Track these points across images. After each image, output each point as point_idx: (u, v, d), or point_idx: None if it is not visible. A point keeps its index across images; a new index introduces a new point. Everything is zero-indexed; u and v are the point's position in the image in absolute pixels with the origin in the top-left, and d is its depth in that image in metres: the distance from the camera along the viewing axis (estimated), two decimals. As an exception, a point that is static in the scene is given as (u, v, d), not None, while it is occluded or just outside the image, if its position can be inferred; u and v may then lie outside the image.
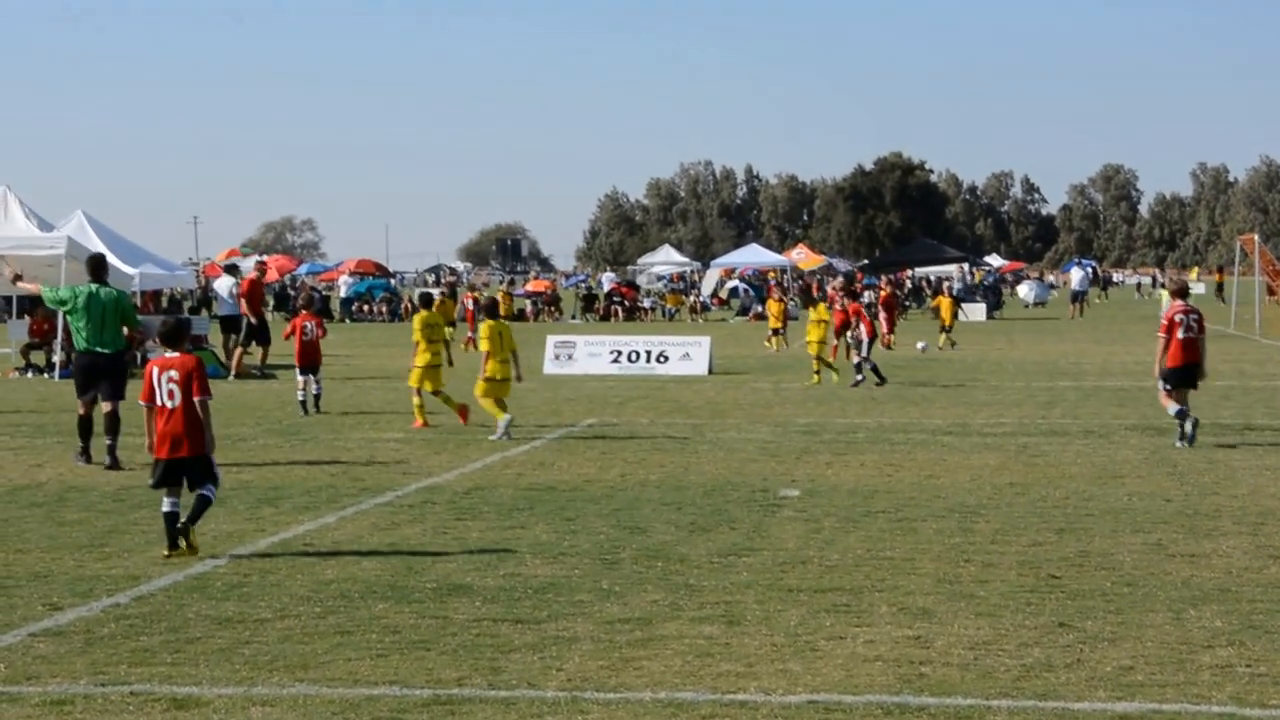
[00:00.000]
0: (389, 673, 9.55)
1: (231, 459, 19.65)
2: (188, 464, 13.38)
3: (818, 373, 32.62)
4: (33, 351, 36.06)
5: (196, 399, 13.41)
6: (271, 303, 69.87)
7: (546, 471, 18.76)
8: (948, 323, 47.65)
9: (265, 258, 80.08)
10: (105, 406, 19.18)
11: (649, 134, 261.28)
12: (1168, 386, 21.31)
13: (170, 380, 13.40)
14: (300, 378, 26.10)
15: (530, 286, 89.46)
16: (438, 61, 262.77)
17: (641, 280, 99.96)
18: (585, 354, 36.75)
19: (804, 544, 13.89)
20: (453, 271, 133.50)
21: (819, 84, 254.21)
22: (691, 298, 79.71)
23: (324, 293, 79.47)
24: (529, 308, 76.11)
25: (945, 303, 49.51)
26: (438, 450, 20.83)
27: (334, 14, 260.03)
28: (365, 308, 77.48)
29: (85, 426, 19.55)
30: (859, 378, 31.40)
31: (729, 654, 10.04)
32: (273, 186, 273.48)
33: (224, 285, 39.49)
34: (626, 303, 75.42)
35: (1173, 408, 21.25)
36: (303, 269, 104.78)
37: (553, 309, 75.96)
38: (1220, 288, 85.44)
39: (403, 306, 74.71)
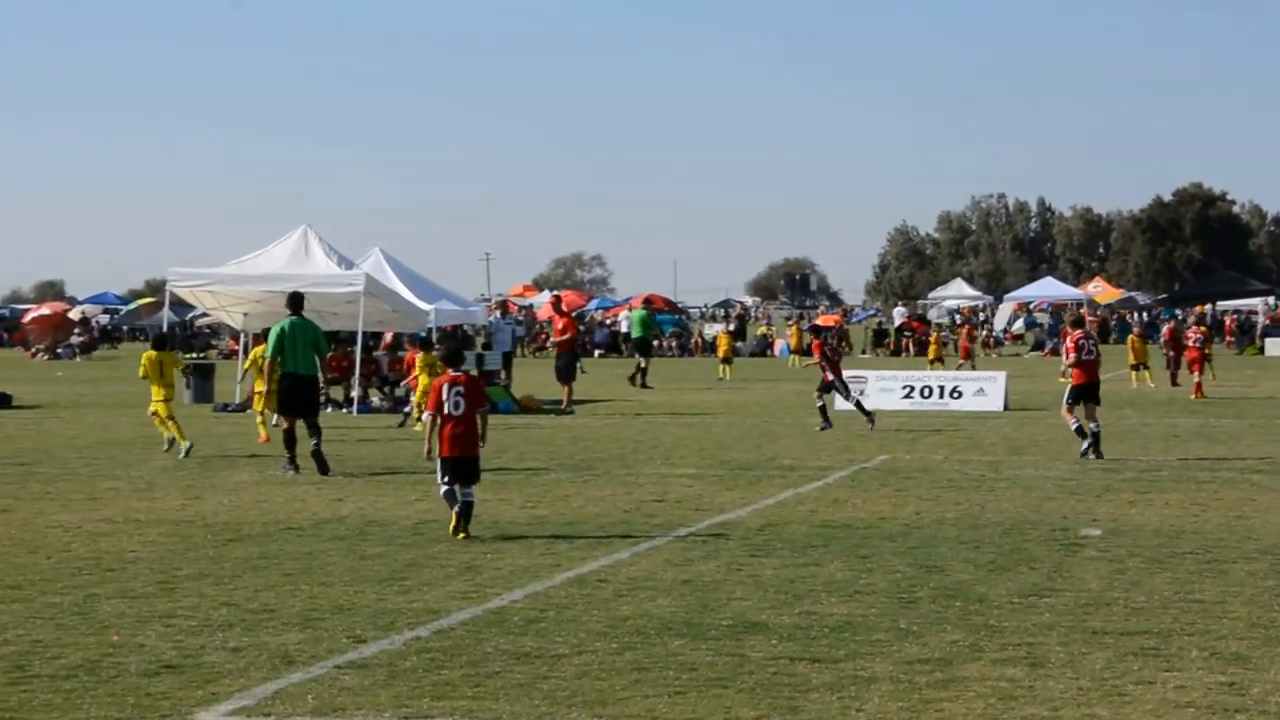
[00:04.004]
0: (686, 710, 9.49)
1: (526, 495, 19.89)
2: (464, 462, 16.07)
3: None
4: (331, 386, 37.00)
5: (479, 409, 16.18)
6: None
7: (840, 508, 18.57)
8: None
9: (558, 293, 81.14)
10: (283, 423, 22.38)
11: (939, 167, 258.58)
12: None
13: (457, 394, 16.09)
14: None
15: (820, 321, 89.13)
16: (725, 98, 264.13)
17: (932, 314, 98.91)
18: (877, 389, 36.39)
19: (1108, 585, 13.48)
20: (741, 306, 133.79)
21: (1114, 114, 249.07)
22: (984, 332, 78.58)
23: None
24: (819, 343, 75.80)
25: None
26: (730, 486, 20.78)
27: (624, 55, 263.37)
28: (655, 343, 77.95)
29: (291, 439, 22.33)
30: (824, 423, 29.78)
31: (1033, 697, 9.75)
32: (563, 223, 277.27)
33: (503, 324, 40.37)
34: (918, 337, 74.69)
35: None
36: (592, 304, 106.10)
37: (844, 344, 75.53)
38: None
39: (692, 341, 75.10)
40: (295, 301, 23.75)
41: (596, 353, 71.87)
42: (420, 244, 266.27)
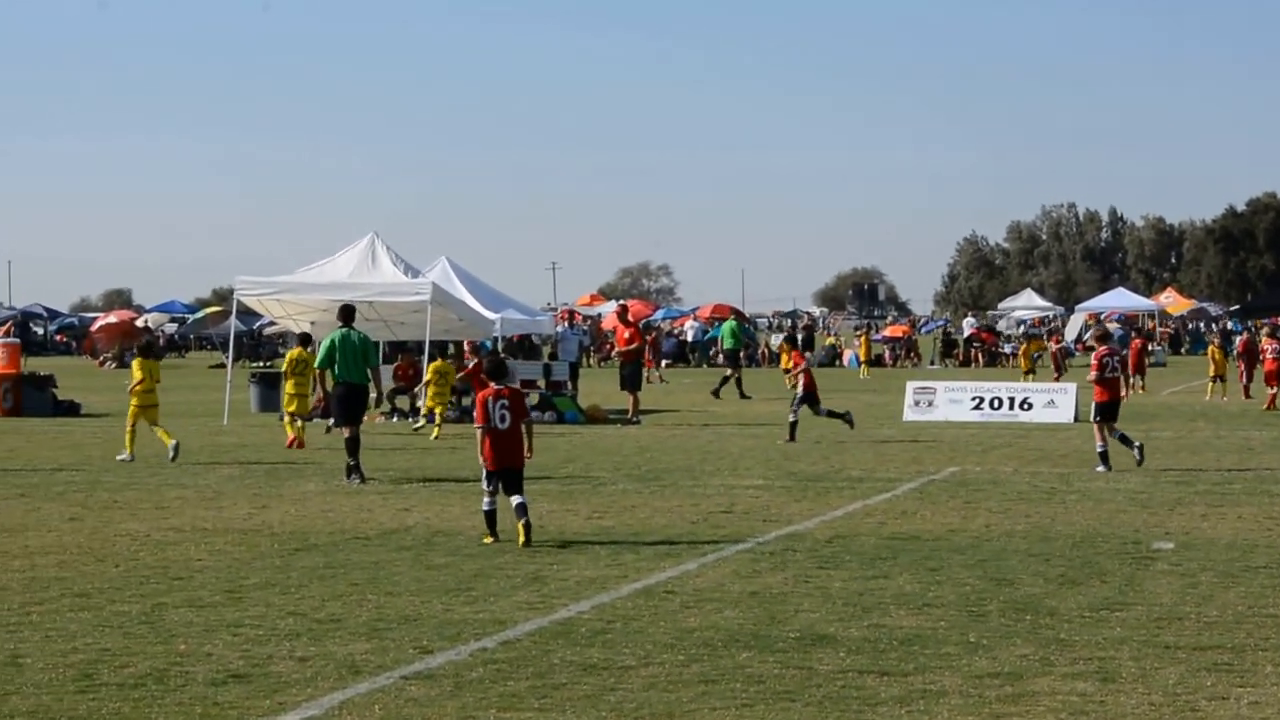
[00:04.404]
0: (753, 724, 9.43)
1: (592, 505, 19.86)
2: (511, 473, 16.44)
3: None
4: (398, 396, 37.12)
5: (523, 420, 16.61)
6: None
7: (909, 520, 18.45)
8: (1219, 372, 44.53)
9: (624, 302, 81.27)
10: (345, 431, 22.53)
11: (1009, 177, 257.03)
12: None
13: (503, 407, 16.45)
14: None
15: (888, 331, 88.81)
16: (791, 107, 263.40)
17: (1002, 325, 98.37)
18: (946, 400, 36.18)
19: (1180, 599, 13.32)
20: (809, 316, 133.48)
21: (1186, 123, 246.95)
22: (1053, 344, 78.06)
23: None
24: (887, 353, 75.53)
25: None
26: (798, 497, 20.69)
27: (689, 64, 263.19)
28: (741, 354, 77.96)
29: (356, 446, 22.62)
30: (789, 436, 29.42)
31: (1104, 712, 9.64)
32: (629, 232, 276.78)
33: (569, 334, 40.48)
34: (987, 348, 74.31)
35: None
36: (659, 314, 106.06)
37: (911, 354, 75.26)
38: None
39: (759, 352, 74.95)
40: (346, 313, 24.34)
41: (664, 363, 71.81)
42: (487, 253, 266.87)
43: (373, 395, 25.61)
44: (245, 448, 28.69)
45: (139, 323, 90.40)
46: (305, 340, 31.47)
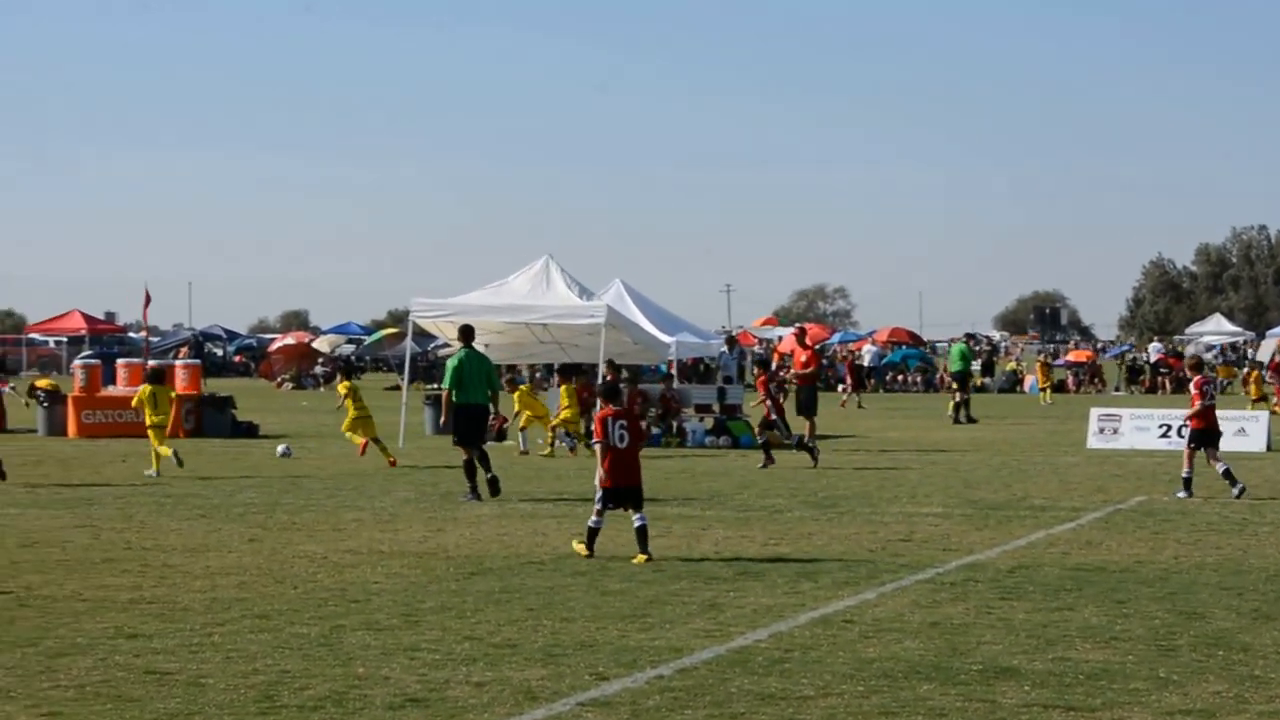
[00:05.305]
0: (935, 760, 9.18)
1: (768, 532, 19.67)
2: (630, 491, 17.05)
3: None
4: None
5: (639, 443, 17.27)
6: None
7: (1094, 551, 18.00)
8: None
9: (802, 325, 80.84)
10: (464, 453, 23.26)
11: (1197, 199, 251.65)
12: None
13: (621, 427, 17.06)
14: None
15: (1071, 356, 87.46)
16: (973, 125, 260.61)
17: (1189, 350, 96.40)
18: (1131, 428, 35.42)
19: (1383, 636, 12.81)
20: (989, 340, 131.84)
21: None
22: (1244, 370, 76.32)
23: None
24: (1070, 379, 74.33)
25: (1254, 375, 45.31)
26: (979, 526, 20.31)
27: (866, 87, 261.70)
28: (899, 377, 77.31)
29: (472, 469, 23.26)
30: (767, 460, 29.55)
31: (1305, 756, 9.25)
32: (804, 254, 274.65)
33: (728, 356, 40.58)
34: (1175, 374, 72.79)
35: None
36: (835, 337, 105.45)
37: (1095, 380, 74.01)
38: None
39: (938, 376, 74.21)
40: (467, 334, 24.76)
41: (839, 387, 71.29)
42: (660, 275, 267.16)
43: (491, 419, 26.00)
44: (420, 470, 28.88)
45: (316, 345, 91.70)
46: (349, 371, 34.52)
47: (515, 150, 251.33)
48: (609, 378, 27.27)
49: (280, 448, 31.82)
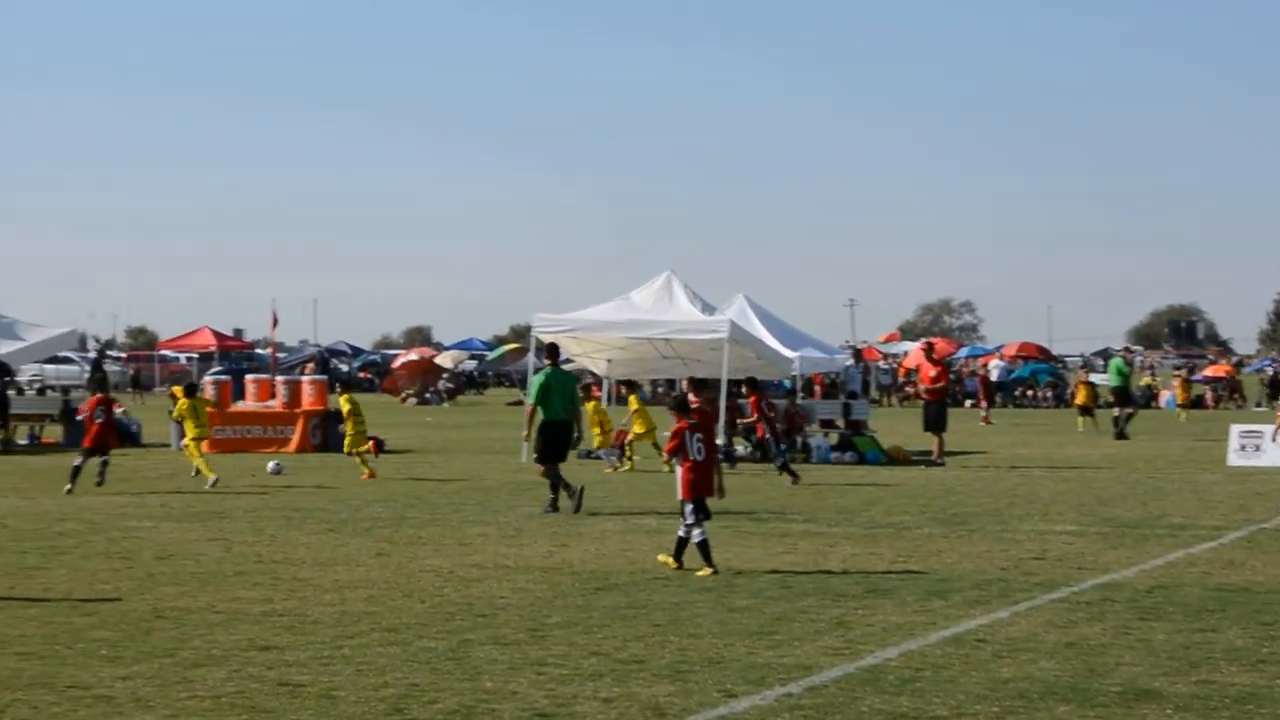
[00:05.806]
0: (1076, 784, 8.90)
1: (897, 549, 19.38)
2: (701, 503, 17.30)
3: None
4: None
5: (716, 455, 17.72)
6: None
7: (1237, 571, 17.53)
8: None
9: (930, 340, 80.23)
10: (542, 469, 23.79)
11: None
12: None
13: (699, 440, 17.46)
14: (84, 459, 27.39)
15: (1208, 371, 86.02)
16: (1098, 133, 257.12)
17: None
18: (1275, 445, 34.62)
19: None
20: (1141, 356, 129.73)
21: None
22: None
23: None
24: (1209, 394, 73.09)
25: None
26: (1114, 544, 19.88)
27: (992, 99, 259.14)
28: (1029, 392, 76.44)
29: (556, 481, 23.63)
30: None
31: None
32: (929, 268, 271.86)
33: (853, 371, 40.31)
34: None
35: None
36: (962, 352, 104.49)
37: (1235, 396, 72.73)
38: None
39: (1069, 392, 73.30)
40: (553, 352, 25.56)
41: (968, 402, 70.62)
42: (783, 290, 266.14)
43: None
44: (543, 485, 28.77)
45: (439, 360, 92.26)
46: (347, 385, 37.06)
47: (635, 164, 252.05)
48: (688, 393, 27.13)
49: (270, 464, 31.82)
